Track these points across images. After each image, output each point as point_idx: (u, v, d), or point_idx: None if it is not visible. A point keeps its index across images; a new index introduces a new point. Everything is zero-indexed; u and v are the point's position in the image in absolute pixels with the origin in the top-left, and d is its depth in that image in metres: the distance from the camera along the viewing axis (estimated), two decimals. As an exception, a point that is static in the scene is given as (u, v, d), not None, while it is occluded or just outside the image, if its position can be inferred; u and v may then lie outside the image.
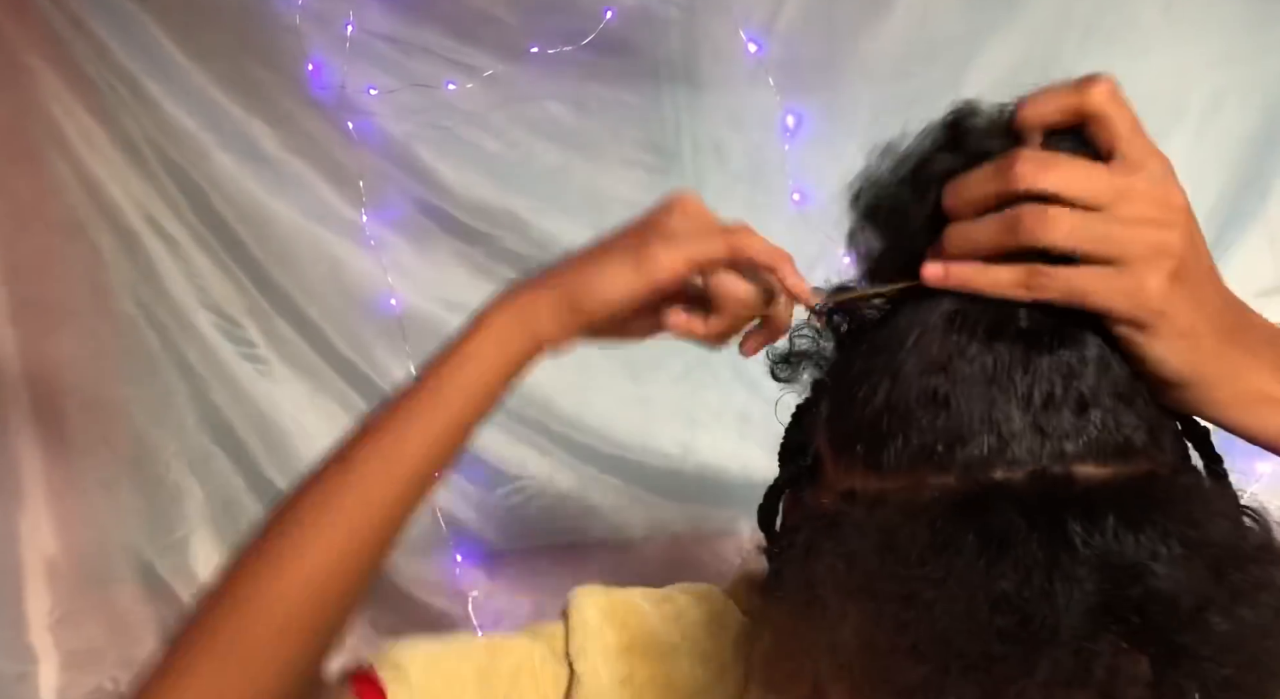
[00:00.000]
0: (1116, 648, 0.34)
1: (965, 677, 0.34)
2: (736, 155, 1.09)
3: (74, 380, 1.13)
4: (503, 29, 1.09)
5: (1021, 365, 0.39)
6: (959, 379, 0.40)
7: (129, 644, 1.16)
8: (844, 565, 0.37)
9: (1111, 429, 0.39)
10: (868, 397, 0.42)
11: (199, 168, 1.11)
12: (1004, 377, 0.39)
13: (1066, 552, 0.35)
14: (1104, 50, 1.06)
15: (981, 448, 0.38)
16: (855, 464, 0.42)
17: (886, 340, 0.43)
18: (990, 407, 0.39)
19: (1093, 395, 0.39)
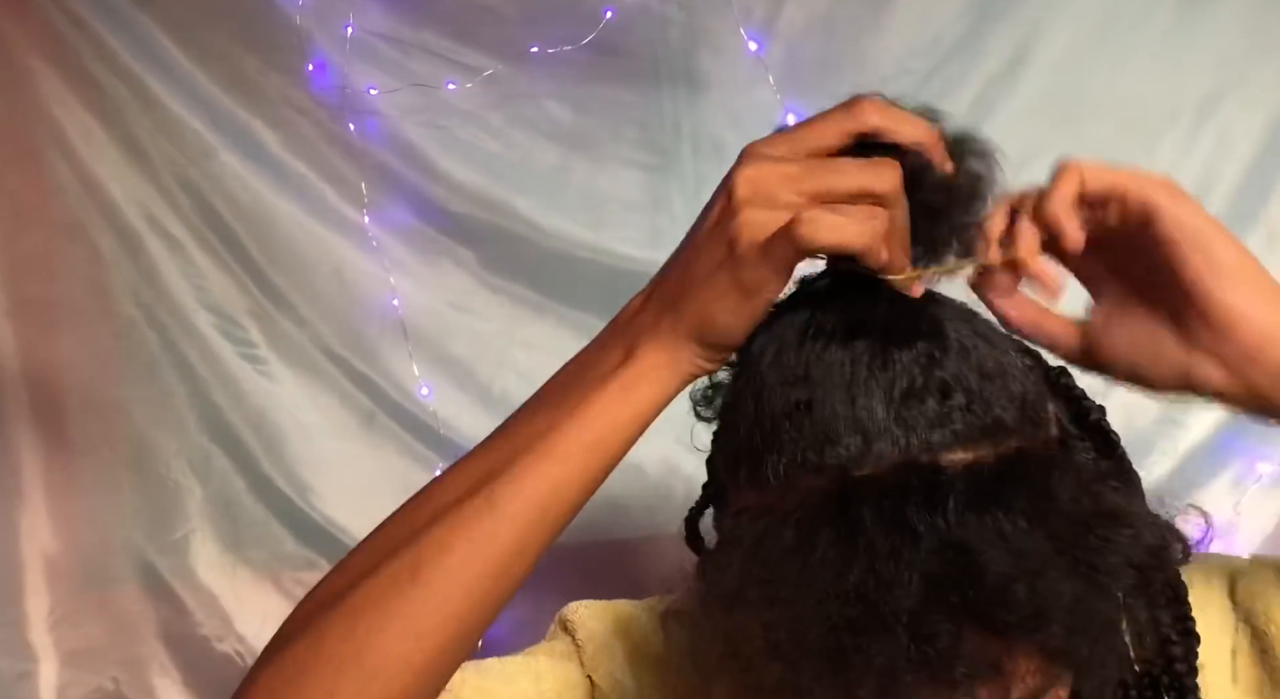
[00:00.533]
0: (952, 629, 0.34)
1: (816, 671, 0.35)
2: (736, 153, 1.09)
3: (74, 380, 1.13)
4: (503, 29, 1.09)
5: (880, 361, 0.40)
6: (818, 384, 0.41)
7: (129, 644, 1.16)
8: (718, 576, 0.39)
9: (978, 412, 0.39)
10: (740, 418, 0.44)
11: (200, 168, 1.11)
12: (863, 374, 0.40)
13: (908, 538, 0.35)
14: (1103, 50, 1.06)
15: (848, 447, 0.39)
16: (743, 484, 0.43)
17: (749, 361, 0.45)
18: (852, 405, 0.39)
19: (955, 381, 0.40)
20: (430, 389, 1.13)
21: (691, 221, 1.20)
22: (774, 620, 0.36)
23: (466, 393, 1.14)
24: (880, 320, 0.42)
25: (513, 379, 1.13)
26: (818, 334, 0.42)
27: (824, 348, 0.41)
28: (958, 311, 0.44)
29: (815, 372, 0.41)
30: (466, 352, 1.13)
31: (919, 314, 0.42)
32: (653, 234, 1.11)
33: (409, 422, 1.14)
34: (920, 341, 0.41)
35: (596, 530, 1.15)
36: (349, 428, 1.14)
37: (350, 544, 1.19)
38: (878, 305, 0.42)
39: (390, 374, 1.13)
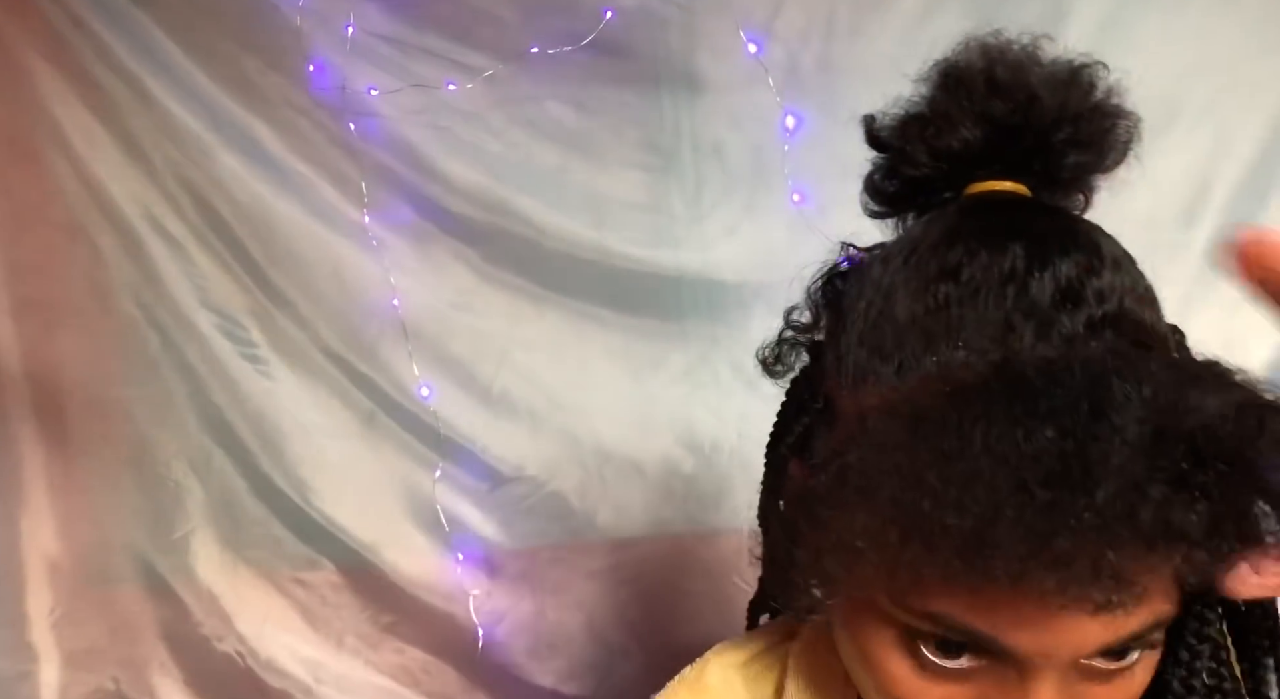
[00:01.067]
0: (1166, 492, 0.33)
1: (1011, 525, 0.33)
2: (736, 156, 1.10)
3: (75, 380, 1.13)
4: (503, 29, 1.09)
5: (1039, 262, 0.40)
6: (977, 281, 0.41)
7: (130, 644, 1.16)
8: (875, 451, 0.37)
9: (1133, 325, 0.41)
10: (870, 323, 0.43)
11: (200, 168, 1.11)
12: (1023, 273, 0.40)
13: (1107, 397, 0.34)
14: (1103, 51, 1.06)
15: (1021, 337, 0.39)
16: (870, 386, 0.42)
17: (865, 273, 0.45)
18: (1017, 299, 0.40)
19: (1111, 292, 0.41)
20: (430, 389, 1.13)
21: (692, 222, 1.20)
22: (953, 475, 0.34)
23: (466, 392, 1.14)
24: (1036, 227, 0.42)
25: (513, 379, 1.13)
26: (961, 237, 0.42)
27: (974, 249, 0.41)
28: (1107, 235, 0.45)
29: (968, 271, 0.41)
30: (466, 351, 1.13)
31: (1074, 226, 0.43)
32: (653, 234, 1.11)
33: (409, 421, 1.14)
34: (1077, 252, 0.41)
35: (597, 531, 1.15)
36: (349, 427, 1.14)
37: (348, 544, 1.20)
38: (1033, 214, 0.43)
39: (390, 374, 1.13)
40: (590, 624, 1.16)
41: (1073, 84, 0.46)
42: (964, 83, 0.47)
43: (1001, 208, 0.45)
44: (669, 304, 1.12)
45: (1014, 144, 0.46)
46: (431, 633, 1.16)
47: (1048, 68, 0.47)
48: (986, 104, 0.46)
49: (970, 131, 0.46)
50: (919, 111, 0.49)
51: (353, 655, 1.17)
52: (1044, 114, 0.46)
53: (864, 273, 0.47)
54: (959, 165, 0.47)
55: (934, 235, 0.44)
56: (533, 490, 1.14)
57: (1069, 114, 0.46)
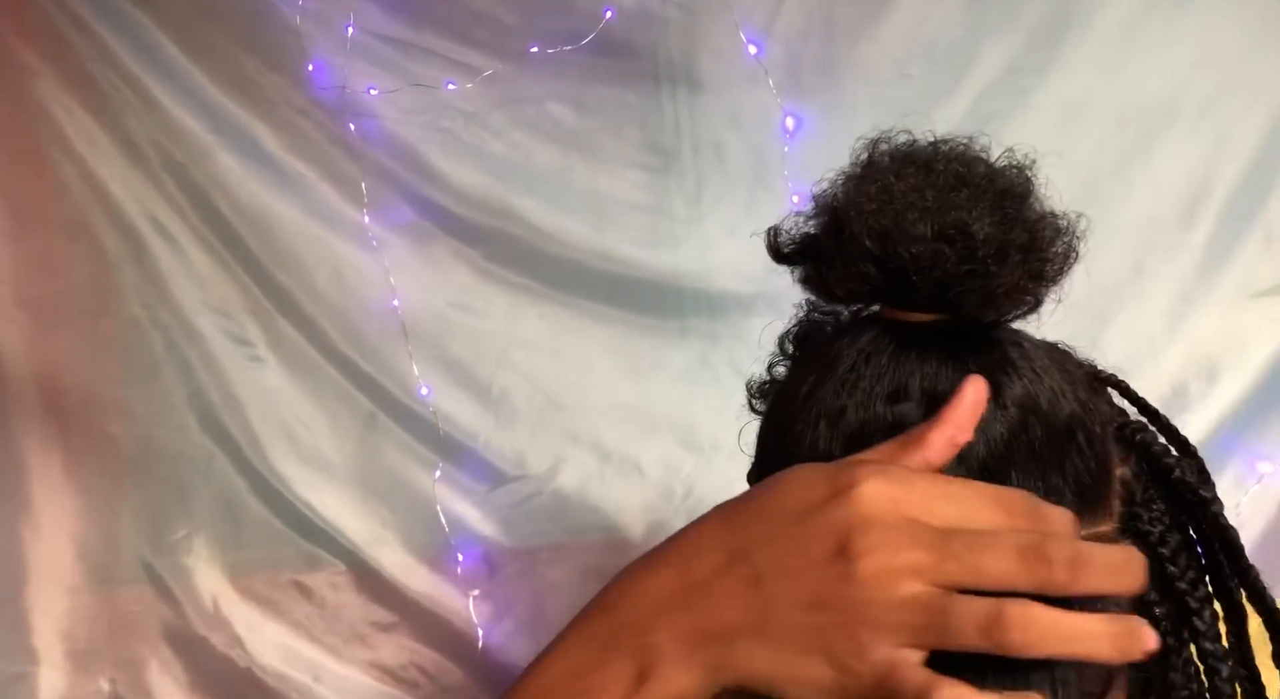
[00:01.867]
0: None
1: None
2: (736, 156, 1.10)
3: (76, 380, 1.13)
4: (503, 29, 1.09)
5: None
6: (857, 442, 0.39)
7: (130, 645, 1.16)
8: None
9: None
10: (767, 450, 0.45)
11: (201, 168, 1.11)
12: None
13: None
14: (1102, 51, 1.06)
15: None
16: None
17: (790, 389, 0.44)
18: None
19: (1000, 466, 0.38)
20: (430, 389, 1.13)
21: (692, 222, 1.20)
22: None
23: (466, 392, 1.14)
24: (925, 385, 0.39)
25: (513, 379, 1.13)
26: (855, 383, 0.40)
27: (863, 402, 0.40)
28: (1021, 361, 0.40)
29: (852, 426, 0.40)
30: (466, 351, 1.13)
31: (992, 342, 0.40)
32: (653, 234, 1.11)
33: (409, 421, 1.14)
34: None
35: (597, 531, 1.15)
36: (349, 427, 1.14)
37: (348, 544, 1.20)
38: (925, 363, 0.39)
39: (390, 374, 1.13)
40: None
41: (1004, 219, 0.39)
42: (842, 230, 0.40)
43: (907, 350, 0.40)
44: (669, 304, 1.12)
45: (901, 280, 0.40)
46: (432, 633, 1.16)
47: (926, 197, 0.39)
48: (869, 250, 0.40)
49: (856, 271, 0.40)
50: (819, 244, 0.43)
51: (352, 656, 1.17)
52: (903, 262, 0.39)
53: (789, 375, 0.46)
54: (851, 296, 0.43)
55: (841, 373, 0.41)
56: (533, 490, 1.14)
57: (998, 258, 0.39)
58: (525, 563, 1.15)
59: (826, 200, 0.42)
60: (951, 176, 0.40)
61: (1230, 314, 1.09)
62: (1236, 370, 1.09)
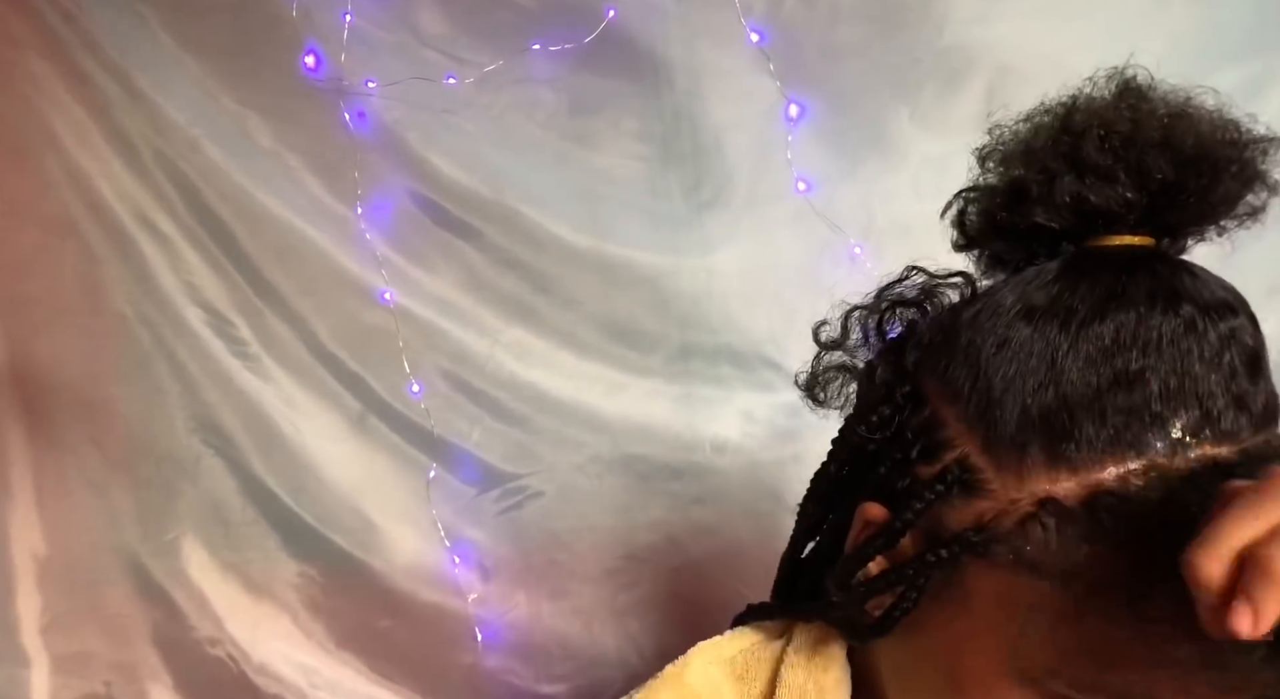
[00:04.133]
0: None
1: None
2: (738, 146, 1.08)
3: (63, 379, 1.11)
4: (503, 21, 1.07)
5: (1206, 332, 0.40)
6: (1152, 352, 0.39)
7: (121, 647, 1.15)
8: (1060, 555, 0.38)
9: (1272, 391, 0.41)
10: (1031, 391, 0.41)
11: (190, 162, 1.09)
12: (1197, 346, 0.40)
13: None
14: (1115, 39, 1.05)
15: (1189, 423, 0.39)
16: (1033, 467, 0.40)
17: (1029, 331, 0.42)
18: (1187, 379, 0.39)
19: (1261, 361, 0.41)
20: (421, 387, 1.11)
21: (692, 213, 1.18)
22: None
23: (460, 392, 1.12)
24: (1197, 289, 0.41)
25: (508, 377, 1.11)
26: (1129, 301, 0.41)
27: (1149, 314, 0.40)
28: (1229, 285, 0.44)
29: (1144, 338, 0.40)
30: (460, 349, 1.12)
31: (1225, 289, 0.43)
32: (653, 227, 1.10)
33: (400, 420, 1.12)
34: (1242, 313, 0.41)
35: (594, 533, 1.14)
36: (340, 427, 1.13)
37: (341, 546, 1.19)
38: (1182, 272, 0.42)
39: (382, 372, 1.11)
40: (588, 628, 1.14)
41: (1234, 142, 0.44)
42: (1127, 138, 0.44)
43: (1149, 265, 0.43)
44: (669, 297, 1.10)
45: (1169, 204, 0.44)
46: (427, 637, 1.14)
47: (1206, 122, 0.44)
48: (1153, 161, 0.43)
49: (1133, 192, 0.43)
50: (1064, 161, 0.45)
51: (346, 660, 1.16)
52: (1217, 165, 0.43)
53: (991, 321, 0.43)
54: (1101, 221, 0.44)
55: (1092, 297, 0.41)
56: (528, 492, 1.13)
57: (1229, 176, 0.44)
58: (521, 566, 1.14)
59: (1077, 121, 0.45)
60: (1190, 106, 0.45)
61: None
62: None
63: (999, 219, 0.47)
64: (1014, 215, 0.46)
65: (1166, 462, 0.38)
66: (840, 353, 0.51)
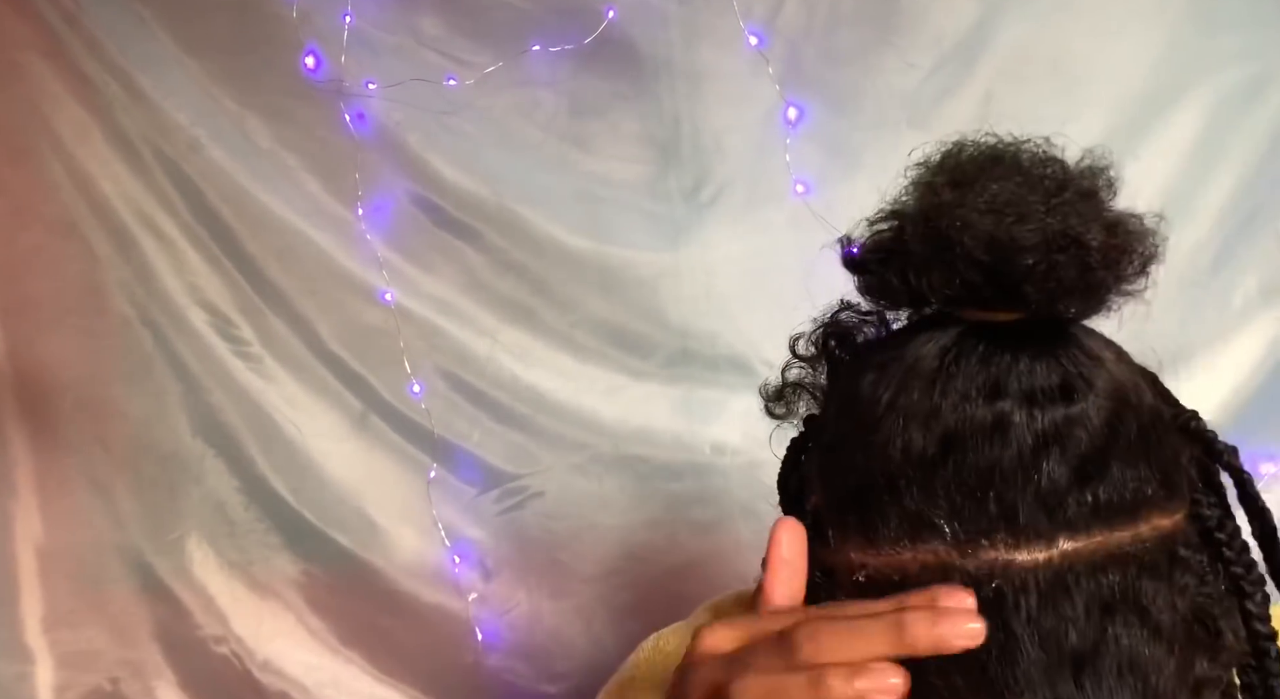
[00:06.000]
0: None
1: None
2: (737, 148, 1.08)
3: (67, 379, 1.12)
4: (503, 23, 1.07)
5: (1017, 428, 0.37)
6: (957, 442, 0.38)
7: (126, 645, 1.15)
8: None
9: (1123, 493, 0.37)
10: (852, 459, 0.40)
11: (191, 163, 1.09)
12: (1004, 439, 0.37)
13: (1053, 637, 0.36)
14: (1113, 43, 1.05)
15: (982, 524, 0.37)
16: (850, 532, 0.40)
17: (860, 395, 0.41)
18: (986, 476, 0.37)
19: (1101, 458, 0.37)
20: (422, 387, 1.12)
21: (691, 215, 1.19)
22: None
23: (461, 392, 1.12)
24: (1022, 382, 0.38)
25: (508, 378, 1.12)
26: (948, 383, 0.39)
27: (958, 402, 0.38)
28: (1102, 353, 0.41)
29: (948, 428, 0.38)
30: (461, 350, 1.12)
31: (1066, 376, 0.39)
32: (652, 228, 1.10)
33: (401, 420, 1.13)
34: (1064, 406, 0.38)
35: (593, 533, 1.14)
36: (341, 427, 1.13)
37: (343, 545, 1.19)
38: (1019, 359, 0.39)
39: (382, 372, 1.12)
40: (588, 627, 1.15)
41: (1052, 227, 0.39)
42: (933, 230, 0.40)
43: (993, 344, 0.40)
44: (668, 299, 1.10)
45: (986, 293, 0.40)
46: (428, 636, 1.15)
47: (1028, 203, 0.39)
48: (954, 260, 0.39)
49: (945, 285, 0.40)
50: (897, 248, 0.42)
51: (349, 658, 1.16)
52: (1016, 271, 0.39)
53: (849, 378, 0.43)
54: (944, 300, 0.42)
55: (918, 375, 0.40)
56: (529, 492, 1.13)
57: (1044, 268, 0.39)
58: (522, 565, 1.15)
59: (913, 206, 0.42)
60: (1052, 182, 0.40)
61: (1238, 313, 1.08)
62: (1243, 369, 1.08)
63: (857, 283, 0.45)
64: (862, 286, 0.45)
65: (957, 558, 0.36)
66: (804, 369, 0.51)
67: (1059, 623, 0.35)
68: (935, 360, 0.40)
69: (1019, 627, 0.35)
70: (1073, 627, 0.35)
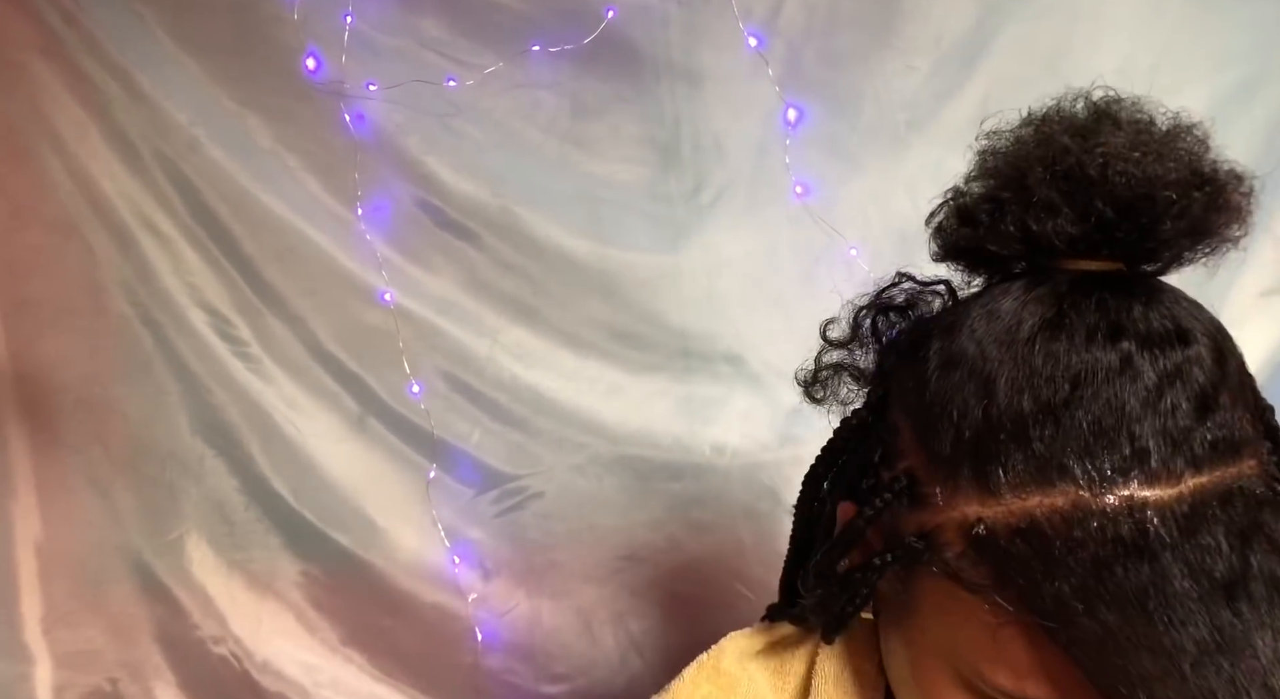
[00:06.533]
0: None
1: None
2: (737, 150, 1.08)
3: (66, 379, 1.12)
4: (504, 26, 1.07)
5: (1142, 368, 0.39)
6: (1082, 384, 0.39)
7: (126, 645, 1.15)
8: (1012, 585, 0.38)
9: (1231, 430, 0.39)
10: (963, 414, 0.41)
11: (191, 162, 1.09)
12: (1129, 383, 0.38)
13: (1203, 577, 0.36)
14: (1112, 44, 1.05)
15: (1115, 463, 0.38)
16: (963, 488, 0.40)
17: (958, 347, 0.42)
18: (1116, 416, 0.38)
19: (1214, 393, 0.39)
20: (421, 387, 1.12)
21: (691, 217, 1.18)
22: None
23: (460, 393, 1.12)
24: (1149, 320, 0.40)
25: (508, 378, 1.12)
26: (1071, 328, 0.40)
27: (1083, 345, 0.39)
28: (1199, 310, 0.43)
29: (1075, 370, 0.39)
30: (460, 350, 1.12)
31: (1177, 320, 0.41)
32: (652, 230, 1.10)
33: (400, 421, 1.13)
34: (1181, 348, 0.39)
35: (592, 533, 1.14)
36: (341, 427, 1.13)
37: (344, 545, 1.19)
38: (1141, 301, 0.41)
39: (382, 372, 1.12)
40: (588, 628, 1.15)
41: (1185, 166, 0.42)
42: (1067, 173, 0.42)
43: (1105, 292, 0.41)
44: (668, 300, 1.10)
45: (1120, 233, 0.42)
46: (428, 636, 1.15)
47: (1155, 146, 0.42)
48: (1092, 199, 0.42)
49: (1074, 226, 0.42)
50: (1010, 193, 0.44)
51: (348, 658, 1.16)
52: (1156, 208, 0.42)
53: (946, 337, 0.44)
54: (1056, 249, 0.44)
55: (1035, 323, 0.41)
56: (528, 492, 1.13)
57: (1183, 204, 0.41)
58: (522, 566, 1.15)
59: (1026, 156, 0.44)
60: (1171, 128, 0.43)
61: (1233, 313, 1.08)
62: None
63: (959, 239, 0.47)
64: (969, 239, 0.46)
65: (1090, 499, 0.37)
66: (842, 351, 0.52)
67: (1203, 554, 0.36)
68: (1053, 309, 0.41)
69: (1165, 562, 0.36)
70: (1218, 556, 0.36)
